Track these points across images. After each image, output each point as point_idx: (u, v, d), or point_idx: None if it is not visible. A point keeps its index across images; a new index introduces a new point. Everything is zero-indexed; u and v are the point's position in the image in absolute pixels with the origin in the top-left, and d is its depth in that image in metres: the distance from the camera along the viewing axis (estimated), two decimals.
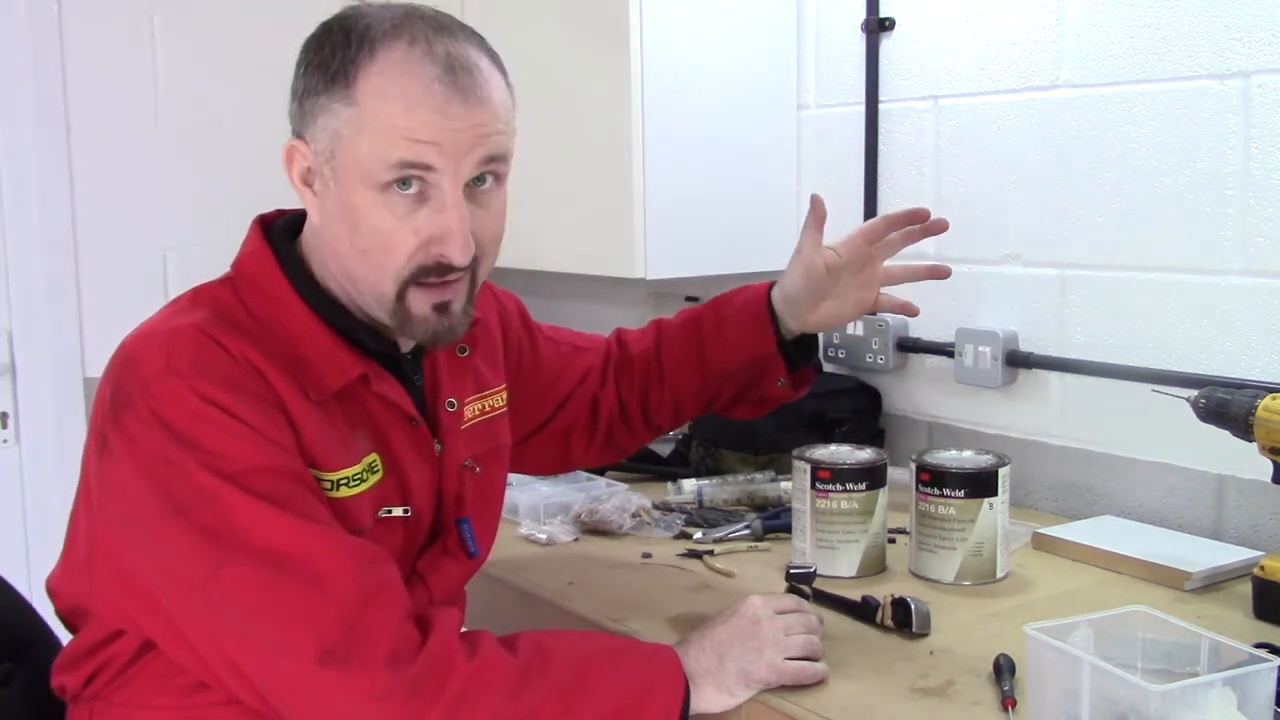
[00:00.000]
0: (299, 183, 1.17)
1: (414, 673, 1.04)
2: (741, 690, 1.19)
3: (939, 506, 1.52)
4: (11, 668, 1.32)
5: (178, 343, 1.09)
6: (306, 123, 1.14)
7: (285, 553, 1.04)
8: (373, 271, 1.13)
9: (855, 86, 2.10)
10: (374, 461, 1.19)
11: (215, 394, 1.07)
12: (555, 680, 1.09)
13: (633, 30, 1.99)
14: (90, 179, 2.60)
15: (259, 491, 1.05)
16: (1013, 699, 1.16)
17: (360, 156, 1.10)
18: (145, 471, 1.06)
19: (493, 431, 1.38)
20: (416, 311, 1.15)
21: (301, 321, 1.17)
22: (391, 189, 1.10)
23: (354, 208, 1.11)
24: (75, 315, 2.59)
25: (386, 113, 1.08)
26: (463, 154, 1.10)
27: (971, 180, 1.95)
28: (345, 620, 1.04)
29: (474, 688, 1.05)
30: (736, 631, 1.22)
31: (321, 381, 1.15)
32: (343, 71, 1.10)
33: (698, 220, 2.10)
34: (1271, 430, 1.37)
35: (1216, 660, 1.05)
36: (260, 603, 1.04)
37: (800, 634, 1.23)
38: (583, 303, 2.88)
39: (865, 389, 2.10)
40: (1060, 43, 1.81)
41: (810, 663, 1.22)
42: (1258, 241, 1.62)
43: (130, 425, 1.07)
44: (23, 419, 2.58)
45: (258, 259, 1.20)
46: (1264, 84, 1.59)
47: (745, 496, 1.89)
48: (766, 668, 1.19)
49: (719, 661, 1.19)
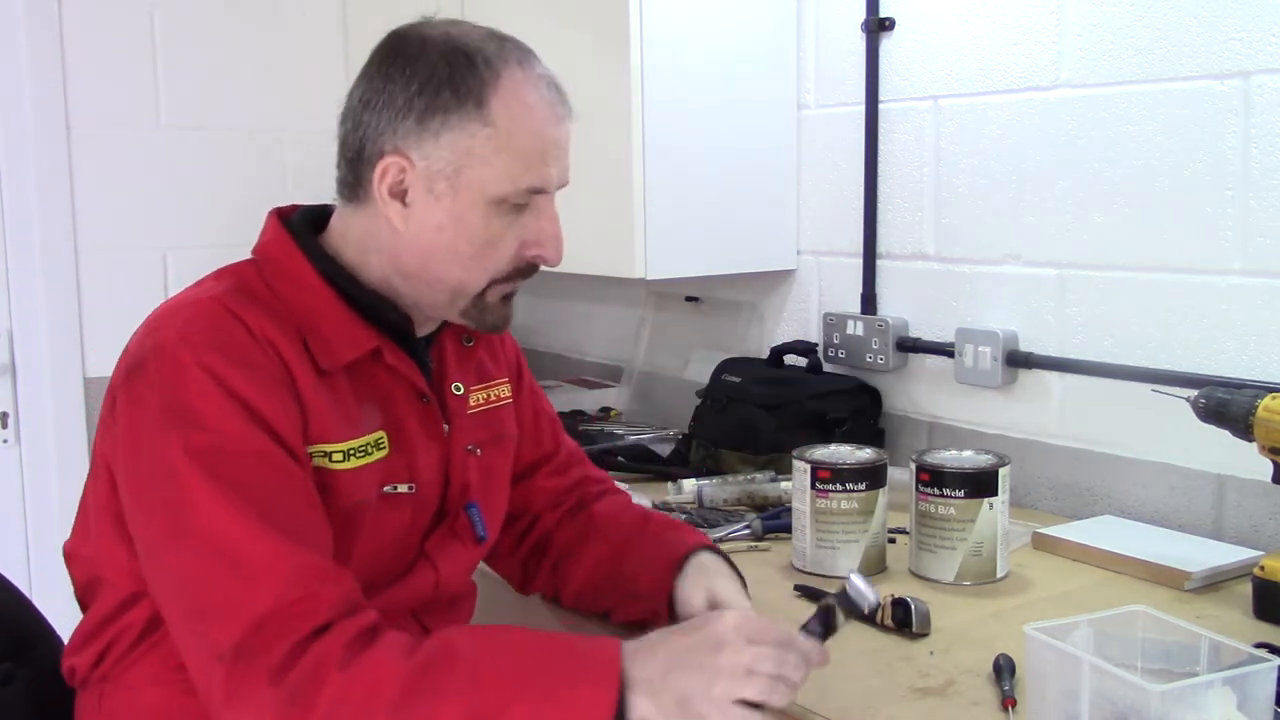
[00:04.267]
0: (388, 195, 1.20)
1: (292, 682, 1.01)
2: (675, 717, 1.04)
3: (939, 506, 1.52)
4: (13, 667, 1.32)
5: (197, 315, 1.14)
6: (424, 139, 1.18)
7: (225, 545, 1.06)
8: (467, 274, 1.22)
9: (855, 86, 2.10)
10: (381, 438, 1.22)
11: (221, 368, 1.10)
12: (460, 688, 1.02)
13: (633, 30, 1.99)
14: (90, 179, 2.60)
15: (227, 477, 1.07)
16: (1013, 699, 1.16)
17: (494, 173, 1.18)
18: (136, 437, 1.11)
19: (497, 420, 1.39)
20: (491, 302, 1.24)
21: (319, 297, 1.21)
22: (507, 202, 1.19)
23: (466, 219, 1.19)
24: (75, 315, 2.59)
25: (522, 135, 1.18)
26: (563, 169, 1.25)
27: (971, 180, 1.95)
28: (255, 623, 1.03)
29: (353, 696, 1.00)
30: (694, 649, 1.07)
31: (334, 353, 1.19)
32: (475, 92, 1.17)
33: (698, 220, 2.10)
34: (1271, 430, 1.37)
35: (1216, 660, 1.05)
36: (193, 586, 1.07)
37: (766, 674, 1.05)
38: (583, 303, 2.89)
39: (865, 389, 2.10)
40: (1060, 43, 1.81)
41: (758, 712, 1.05)
42: (1258, 241, 1.62)
43: (137, 389, 1.12)
44: (23, 419, 2.58)
45: (278, 243, 1.25)
46: (1264, 84, 1.59)
47: (745, 496, 1.89)
48: (709, 704, 1.03)
49: (663, 675, 1.05)
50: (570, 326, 2.92)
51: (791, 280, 2.27)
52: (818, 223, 2.21)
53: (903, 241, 2.07)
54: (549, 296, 2.90)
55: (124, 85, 2.63)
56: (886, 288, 2.10)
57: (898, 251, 2.08)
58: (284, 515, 1.08)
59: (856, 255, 2.13)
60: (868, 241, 2.11)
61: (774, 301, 2.32)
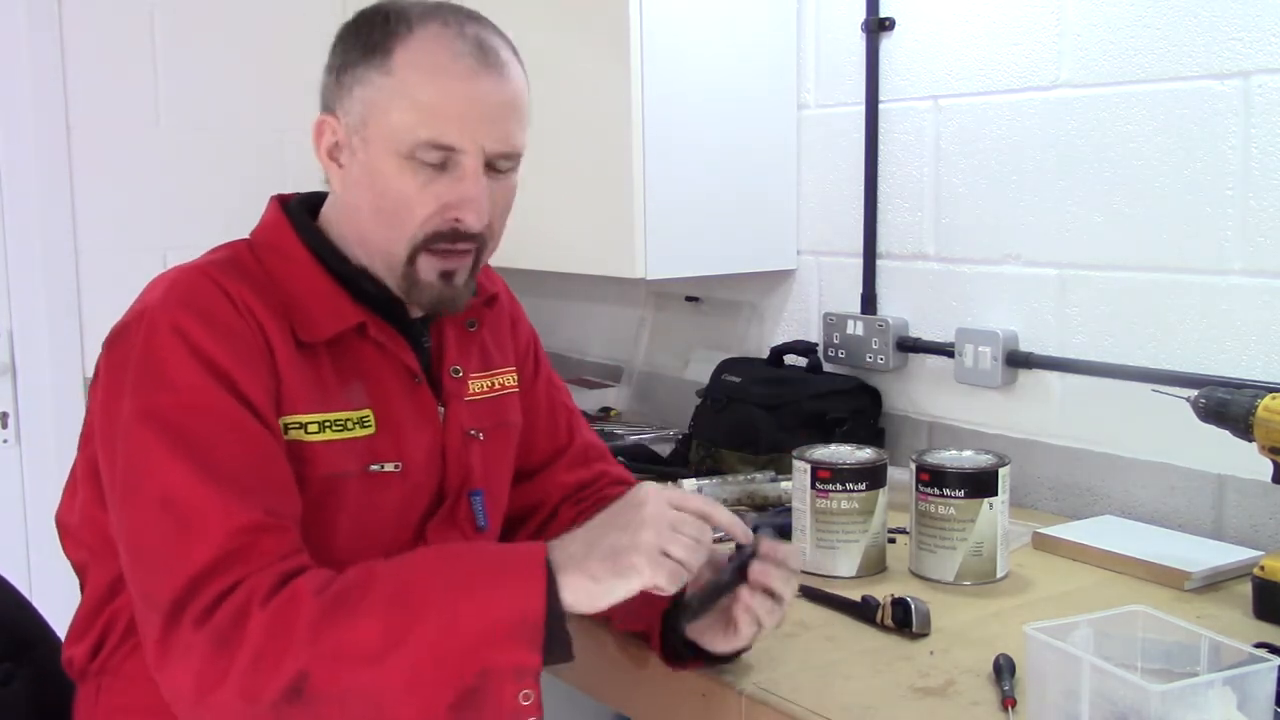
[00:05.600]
0: (325, 157, 1.23)
1: (217, 625, 1.02)
2: (608, 579, 1.03)
3: (939, 506, 1.52)
4: (12, 667, 1.32)
5: (181, 281, 1.17)
6: (341, 96, 1.21)
7: (173, 503, 1.06)
8: (389, 233, 1.20)
9: (855, 86, 2.10)
10: (366, 416, 1.22)
11: (195, 333, 1.11)
12: (375, 604, 1.02)
13: (633, 30, 1.99)
14: (90, 179, 2.60)
15: (185, 437, 1.08)
16: (1013, 699, 1.16)
17: (391, 124, 1.16)
18: (108, 397, 1.14)
19: (501, 408, 1.38)
20: (424, 277, 1.21)
21: (307, 273, 1.23)
22: (415, 157, 1.17)
23: (379, 172, 1.18)
24: (75, 315, 2.59)
25: (417, 83, 1.16)
26: (485, 132, 1.17)
27: (971, 180, 1.95)
28: (192, 578, 1.04)
29: (275, 628, 1.00)
30: (616, 514, 1.07)
31: (316, 326, 1.20)
32: (381, 45, 1.18)
33: (698, 220, 2.10)
34: (1271, 430, 1.37)
35: (1216, 660, 1.05)
36: (141, 542, 1.08)
37: (689, 534, 1.06)
38: (583, 303, 2.89)
39: (865, 389, 2.10)
40: (1060, 43, 1.81)
41: (681, 567, 1.05)
42: (1258, 241, 1.62)
43: (118, 352, 1.14)
44: (23, 419, 2.58)
45: (272, 222, 1.27)
46: (1264, 84, 1.59)
47: (745, 496, 1.89)
48: (638, 553, 1.03)
49: (588, 547, 1.05)
50: (570, 326, 2.92)
51: (791, 280, 2.27)
52: (818, 223, 2.21)
53: (903, 241, 2.07)
54: (549, 296, 2.90)
55: (124, 85, 2.63)
56: (886, 288, 2.10)
57: (898, 251, 2.08)
58: (236, 474, 1.08)
59: (856, 255, 2.13)
60: (868, 241, 2.11)
61: (774, 301, 2.32)
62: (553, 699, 1.84)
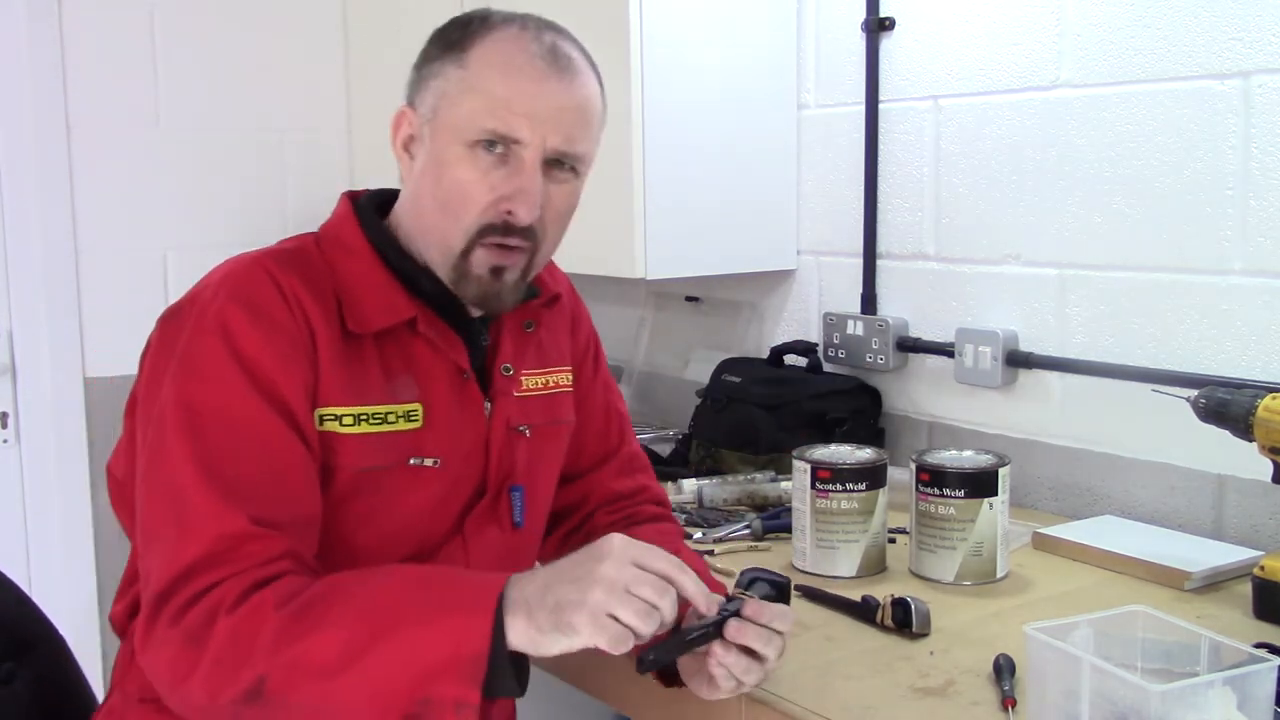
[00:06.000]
0: (400, 149, 1.26)
1: (189, 623, 1.05)
2: (550, 631, 1.01)
3: (939, 506, 1.52)
4: (14, 667, 1.32)
5: (236, 271, 1.19)
6: (419, 89, 1.24)
7: (177, 496, 1.10)
8: (447, 224, 1.21)
9: (855, 86, 2.10)
10: (414, 410, 1.23)
11: (237, 324, 1.14)
12: (336, 620, 1.03)
13: (633, 30, 1.99)
14: (90, 179, 2.60)
15: (200, 432, 1.11)
16: (1013, 699, 1.16)
17: (460, 114, 1.19)
18: (151, 376, 1.17)
19: (554, 406, 1.39)
20: (475, 270, 1.22)
21: (366, 266, 1.24)
22: (478, 147, 1.19)
23: (444, 161, 1.20)
24: (75, 315, 2.59)
25: (490, 77, 1.19)
26: (549, 130, 1.19)
27: (971, 180, 1.95)
28: (179, 573, 1.06)
29: (238, 635, 1.03)
30: (576, 564, 1.05)
31: (367, 318, 1.21)
32: (460, 42, 1.22)
33: (698, 220, 2.10)
34: (1271, 430, 1.37)
35: (1216, 660, 1.05)
36: (148, 526, 1.12)
37: (644, 598, 1.02)
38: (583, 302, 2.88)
39: (865, 389, 2.10)
40: (1060, 43, 1.81)
41: (629, 632, 1.01)
42: (1258, 241, 1.62)
43: (169, 332, 1.18)
44: (23, 419, 2.58)
45: (340, 219, 1.29)
46: (1264, 84, 1.59)
47: (745, 496, 1.89)
48: (581, 612, 1.00)
49: (541, 592, 1.03)
50: None
51: (791, 280, 2.27)
52: (818, 223, 2.21)
53: (903, 241, 2.07)
54: None
55: (124, 85, 2.63)
56: (886, 288, 2.11)
57: (898, 251, 2.08)
58: (237, 481, 1.10)
59: (856, 255, 2.13)
60: (868, 241, 2.11)
61: (774, 301, 2.32)
62: (553, 699, 1.85)
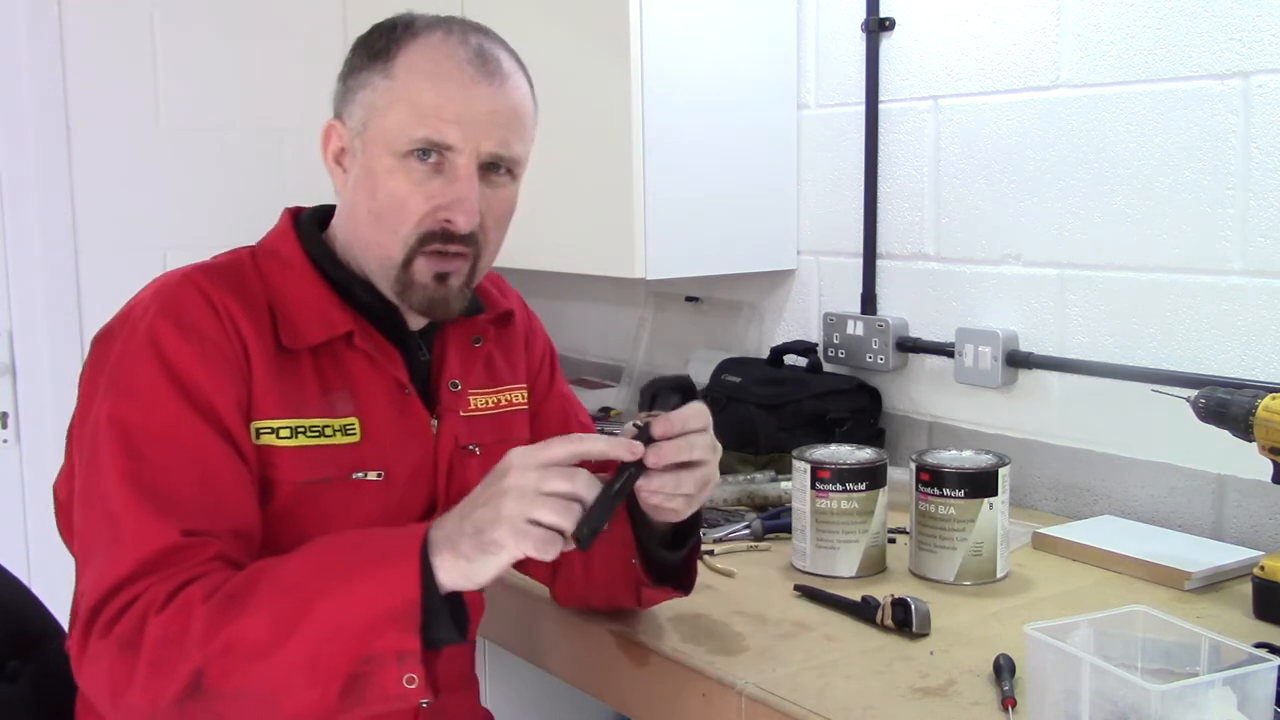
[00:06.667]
0: (331, 161, 1.26)
1: (120, 631, 1.04)
2: (477, 557, 1.01)
3: (939, 506, 1.52)
4: (18, 663, 1.32)
5: (167, 287, 1.19)
6: (346, 101, 1.24)
7: (111, 513, 1.09)
8: (384, 236, 1.21)
9: (855, 86, 2.10)
10: (350, 424, 1.22)
11: (168, 340, 1.14)
12: (263, 599, 1.03)
13: (633, 30, 1.99)
14: (90, 179, 2.60)
15: (134, 450, 1.11)
16: (1013, 699, 1.16)
17: (389, 124, 1.19)
18: (85, 394, 1.18)
19: (505, 425, 1.38)
20: (419, 278, 1.22)
21: (302, 280, 1.24)
22: (411, 157, 1.18)
23: (376, 173, 1.20)
24: (75, 315, 2.59)
25: (417, 86, 1.18)
26: (482, 134, 1.19)
27: (971, 180, 1.95)
28: (109, 589, 1.06)
29: (169, 633, 1.03)
30: (483, 487, 1.05)
31: (302, 333, 1.21)
32: (385, 50, 1.20)
33: (698, 220, 2.10)
34: (1271, 430, 1.37)
35: (1216, 660, 1.05)
36: (84, 544, 1.12)
37: (559, 492, 1.02)
38: (583, 303, 2.89)
39: (865, 389, 2.10)
40: (1060, 43, 1.81)
41: (554, 533, 1.01)
42: (1258, 241, 1.62)
43: (100, 351, 1.18)
44: (23, 419, 2.58)
45: (279, 233, 1.29)
46: (1264, 84, 1.59)
47: (745, 496, 1.89)
48: (500, 527, 1.00)
49: (459, 523, 1.03)
50: (570, 326, 2.92)
51: (791, 280, 2.27)
52: (818, 223, 2.21)
53: (903, 241, 2.07)
54: (549, 297, 2.90)
55: (124, 85, 2.62)
56: (886, 288, 2.11)
57: (898, 251, 2.08)
58: (168, 494, 1.10)
59: (856, 255, 2.13)
60: (868, 241, 2.11)
61: (774, 301, 2.32)
62: (553, 699, 1.85)
